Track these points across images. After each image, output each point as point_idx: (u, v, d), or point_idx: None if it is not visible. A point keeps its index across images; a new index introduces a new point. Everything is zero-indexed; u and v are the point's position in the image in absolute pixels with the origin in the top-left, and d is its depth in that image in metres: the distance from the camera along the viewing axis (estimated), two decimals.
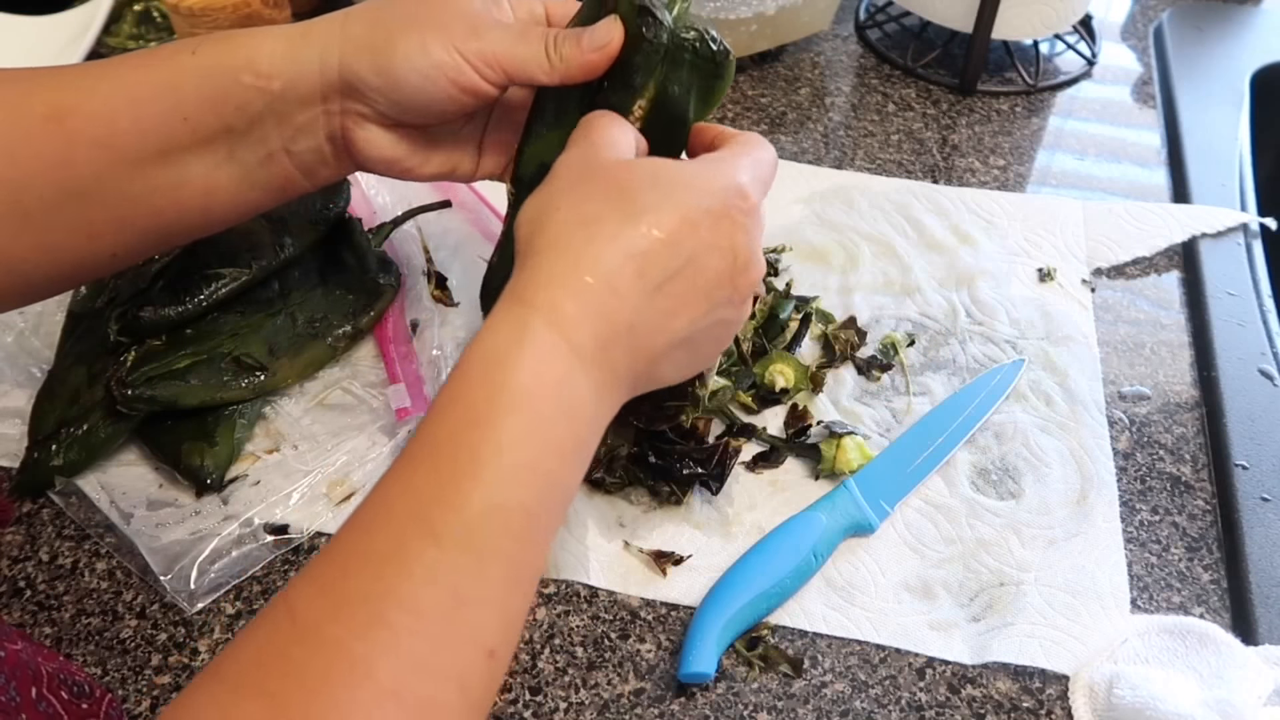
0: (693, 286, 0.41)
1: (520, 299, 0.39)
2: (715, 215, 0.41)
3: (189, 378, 0.57)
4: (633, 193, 0.41)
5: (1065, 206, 0.75)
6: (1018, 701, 0.50)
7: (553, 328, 0.38)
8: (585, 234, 0.40)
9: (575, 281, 0.39)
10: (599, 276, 0.39)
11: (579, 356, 0.38)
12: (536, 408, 0.37)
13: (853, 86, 0.87)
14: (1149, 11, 0.96)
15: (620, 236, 0.39)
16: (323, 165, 0.48)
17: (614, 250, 0.39)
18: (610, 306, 0.39)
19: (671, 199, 0.41)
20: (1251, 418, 0.61)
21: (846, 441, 0.58)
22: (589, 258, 0.39)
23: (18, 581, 0.54)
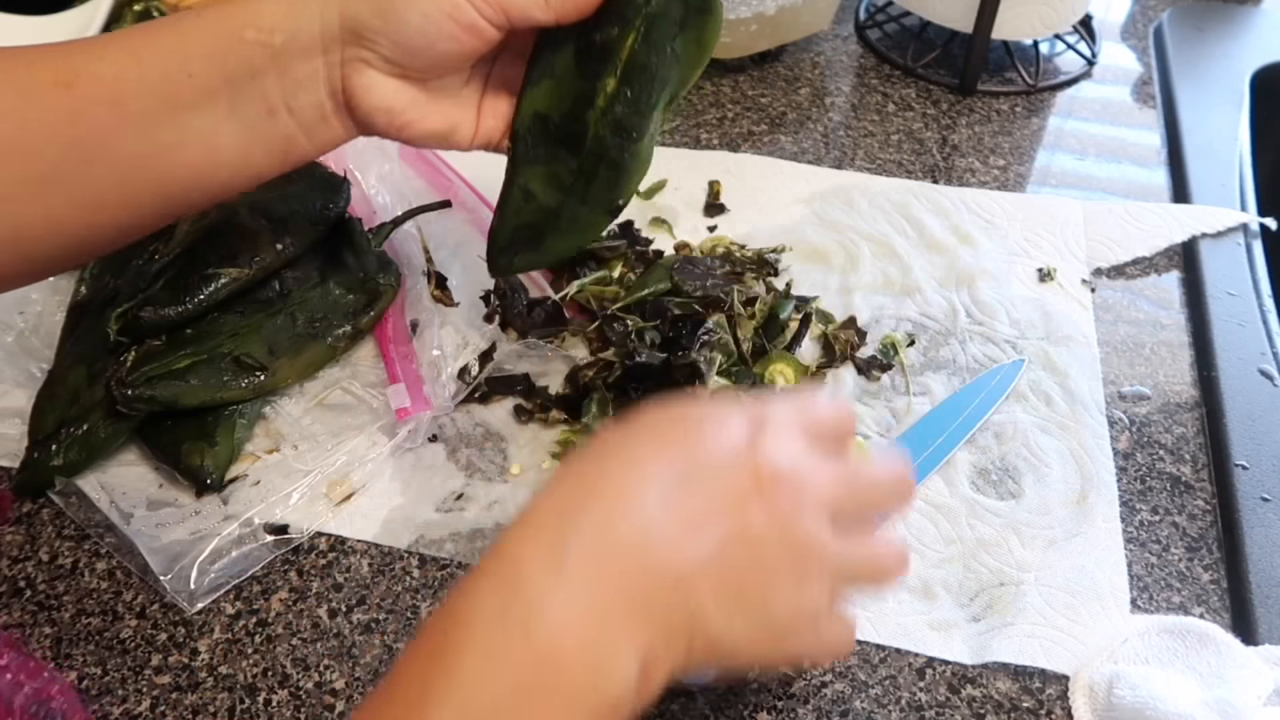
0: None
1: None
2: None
3: (189, 378, 0.57)
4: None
5: (1065, 206, 0.75)
6: (1018, 701, 0.50)
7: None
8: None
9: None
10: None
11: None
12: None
13: (853, 86, 0.87)
14: (1149, 11, 0.96)
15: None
16: (323, 123, 0.48)
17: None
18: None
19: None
20: (1251, 418, 0.61)
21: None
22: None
23: (18, 581, 0.54)
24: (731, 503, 0.37)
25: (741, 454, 0.38)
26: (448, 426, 0.61)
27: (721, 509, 0.36)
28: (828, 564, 0.38)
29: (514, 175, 0.53)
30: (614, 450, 0.38)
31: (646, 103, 0.50)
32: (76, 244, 0.48)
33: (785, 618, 0.38)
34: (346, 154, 0.73)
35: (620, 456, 0.38)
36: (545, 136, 0.52)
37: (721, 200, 0.75)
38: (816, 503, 0.38)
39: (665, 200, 0.75)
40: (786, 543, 0.37)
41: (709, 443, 0.38)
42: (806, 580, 0.38)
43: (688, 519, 0.36)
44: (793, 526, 0.37)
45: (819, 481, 0.38)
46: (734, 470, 0.37)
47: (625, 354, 0.59)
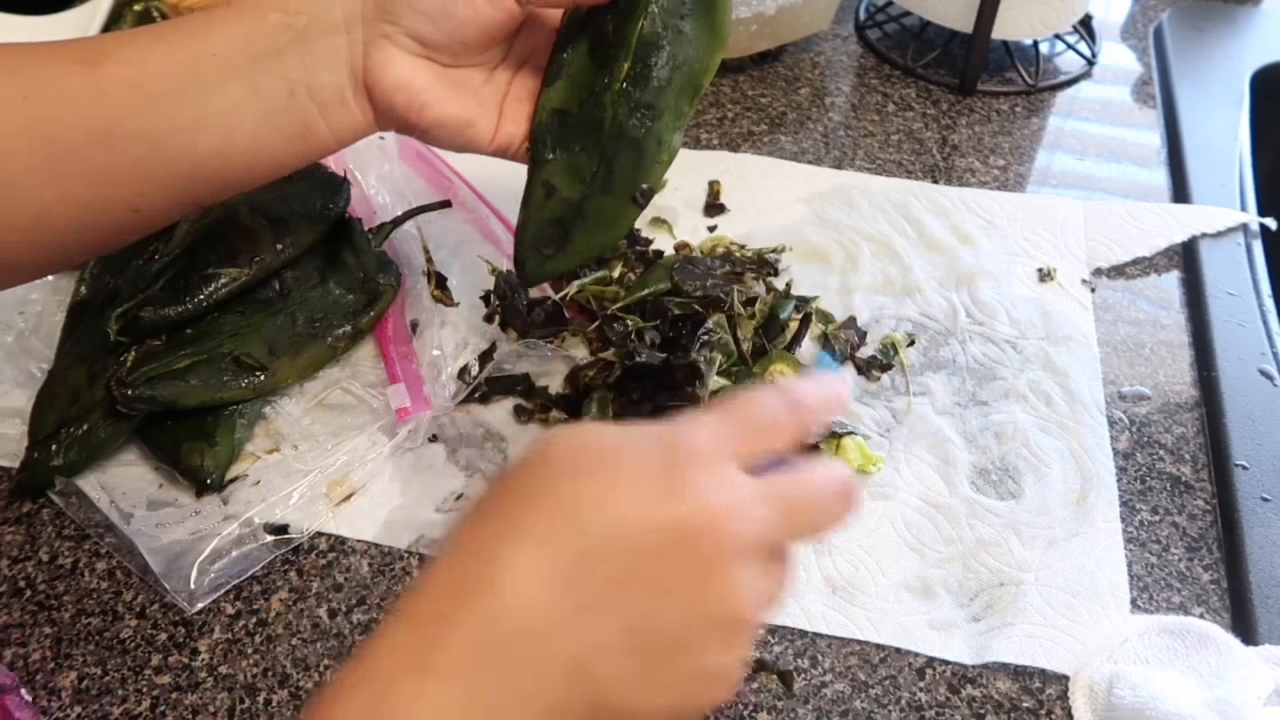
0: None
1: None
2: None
3: (189, 378, 0.57)
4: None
5: (1065, 206, 0.75)
6: (1018, 701, 0.50)
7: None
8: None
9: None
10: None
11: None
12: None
13: (853, 86, 0.87)
14: (1149, 11, 0.96)
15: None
16: (342, 106, 0.48)
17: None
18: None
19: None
20: (1251, 418, 0.61)
21: (846, 441, 0.58)
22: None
23: (18, 581, 0.54)
24: (639, 574, 0.32)
25: (651, 509, 0.32)
26: (448, 426, 0.61)
27: (626, 582, 0.32)
28: (760, 605, 0.35)
29: (535, 173, 0.53)
30: (503, 519, 0.33)
31: (660, 79, 0.50)
32: (95, 227, 0.48)
33: (710, 684, 0.34)
34: (346, 154, 0.73)
35: (509, 528, 0.33)
36: (564, 131, 0.52)
37: (721, 200, 0.75)
38: (745, 551, 0.33)
39: (665, 200, 0.75)
40: (707, 607, 0.33)
41: (613, 500, 0.33)
42: (734, 645, 0.34)
43: (584, 600, 0.32)
44: (714, 584, 0.33)
45: (749, 528, 0.34)
46: (641, 533, 0.32)
47: (625, 354, 0.59)
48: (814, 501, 0.36)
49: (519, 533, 0.33)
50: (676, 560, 0.32)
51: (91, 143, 0.45)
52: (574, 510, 0.33)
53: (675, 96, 0.51)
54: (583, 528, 0.32)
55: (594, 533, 0.32)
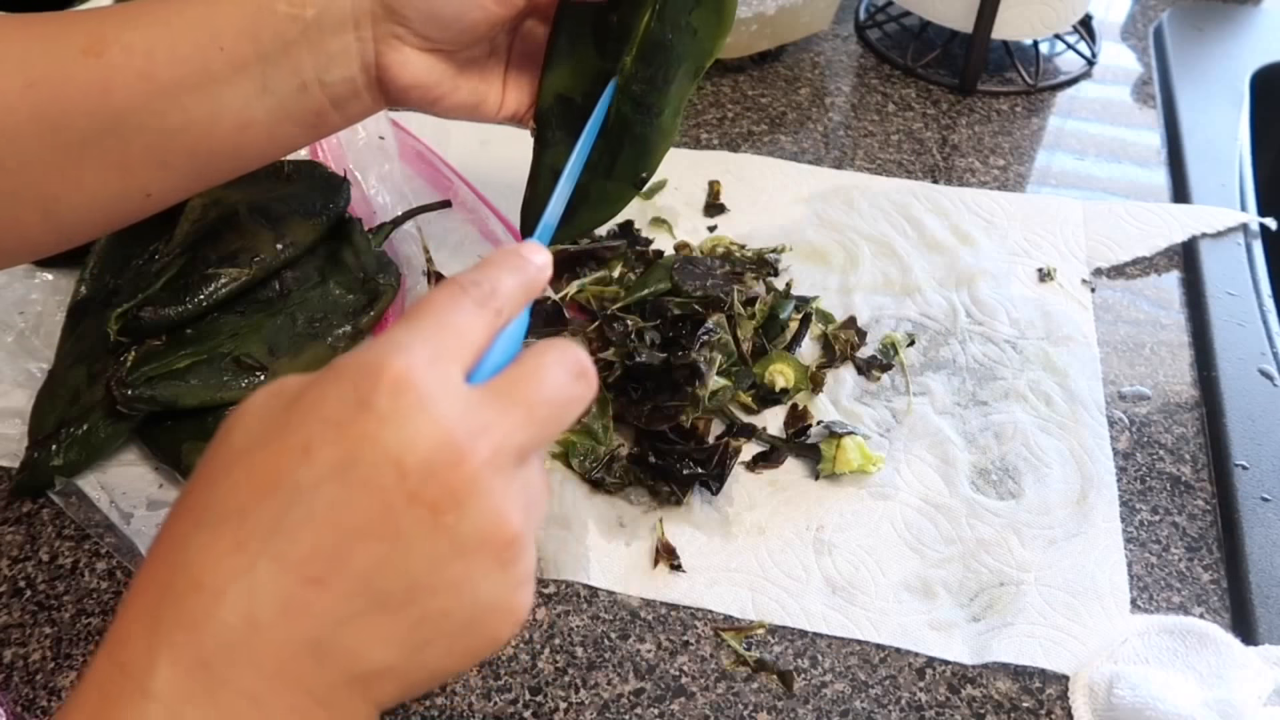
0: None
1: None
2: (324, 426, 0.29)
3: (189, 378, 0.57)
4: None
5: (1065, 206, 0.75)
6: (1018, 701, 0.50)
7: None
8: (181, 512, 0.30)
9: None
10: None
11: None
12: None
13: (853, 86, 0.87)
14: (1149, 11, 0.96)
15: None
16: (354, 98, 0.48)
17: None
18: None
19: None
20: (1251, 418, 0.61)
21: (846, 441, 0.58)
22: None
23: (18, 581, 0.54)
24: (366, 530, 0.28)
25: (360, 450, 0.28)
26: None
27: (348, 540, 0.28)
28: (527, 518, 0.31)
29: (541, 155, 0.54)
30: (197, 507, 0.29)
31: (664, 79, 0.51)
32: (107, 212, 0.48)
33: (502, 609, 0.30)
34: (346, 154, 0.73)
35: (203, 515, 0.29)
36: (569, 117, 0.52)
37: (721, 200, 0.75)
38: (494, 468, 0.29)
39: (665, 200, 0.75)
40: (467, 544, 0.29)
41: (313, 452, 0.28)
42: (512, 563, 0.30)
43: (305, 572, 0.28)
44: (469, 518, 0.29)
45: (489, 443, 0.29)
46: (356, 490, 0.28)
47: (625, 354, 0.59)
48: (550, 390, 0.32)
49: (212, 517, 0.28)
50: (406, 499, 0.28)
51: (102, 133, 0.45)
52: (269, 476, 0.28)
53: (678, 88, 0.51)
54: (282, 492, 0.28)
55: (298, 494, 0.28)
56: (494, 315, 0.32)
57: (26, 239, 0.47)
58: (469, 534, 0.29)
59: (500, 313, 0.32)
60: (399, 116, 0.79)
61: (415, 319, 0.31)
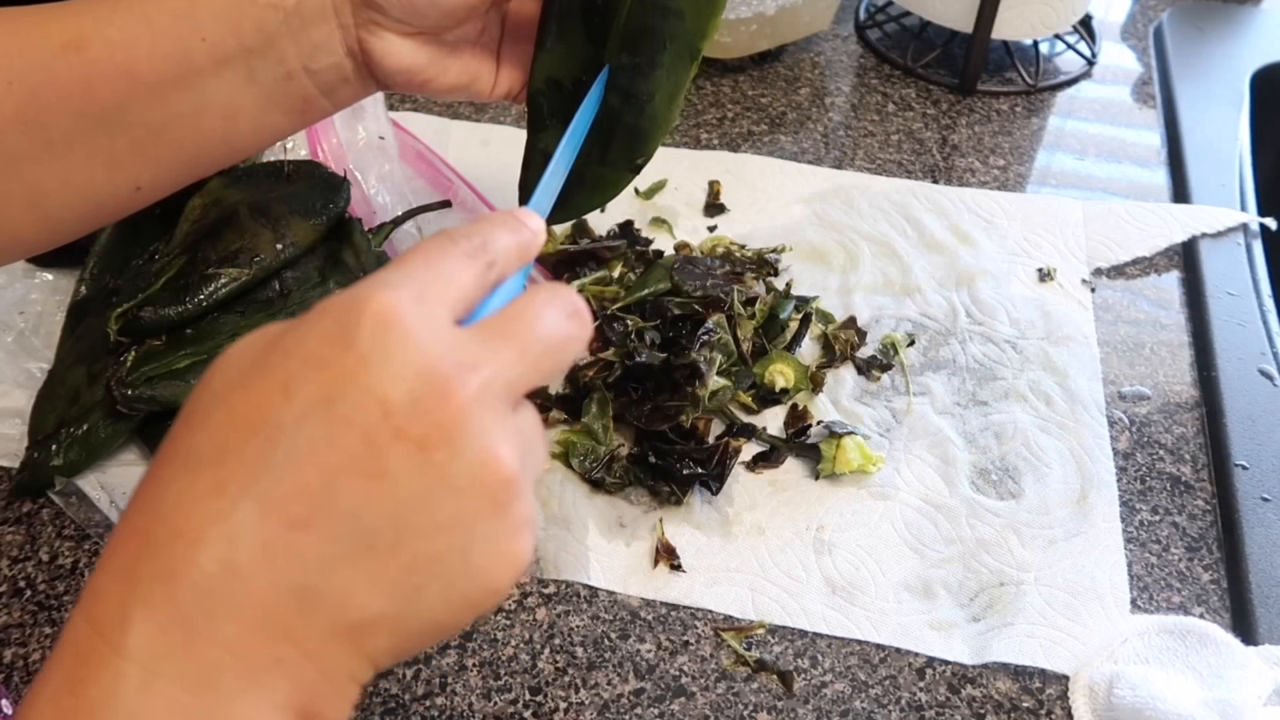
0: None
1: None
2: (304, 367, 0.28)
3: (189, 378, 0.57)
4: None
5: (1065, 206, 0.75)
6: (1018, 701, 0.50)
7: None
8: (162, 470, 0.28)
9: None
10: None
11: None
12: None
13: (853, 86, 0.87)
14: (1149, 11, 0.96)
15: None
16: (343, 83, 0.48)
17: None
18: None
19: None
20: (1251, 418, 0.61)
21: (846, 441, 0.58)
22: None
23: (18, 581, 0.54)
24: (352, 468, 0.27)
25: (346, 399, 0.27)
26: None
27: (335, 480, 0.27)
28: (524, 460, 0.30)
29: (534, 138, 0.53)
30: (175, 454, 0.28)
31: (651, 65, 0.49)
32: (97, 207, 0.47)
33: (498, 553, 0.29)
34: (346, 154, 0.73)
35: (181, 462, 0.28)
36: (560, 101, 0.51)
37: (721, 200, 0.75)
38: (486, 404, 0.28)
39: (665, 200, 0.75)
40: (460, 480, 0.28)
41: (297, 391, 0.27)
42: (509, 502, 0.29)
43: (289, 515, 0.27)
44: (460, 453, 0.28)
45: (479, 378, 0.28)
46: (341, 427, 0.27)
47: (625, 354, 0.59)
48: (543, 329, 0.31)
49: (191, 462, 0.27)
50: (391, 435, 0.27)
51: (88, 129, 0.44)
52: (248, 416, 0.27)
53: (670, 74, 0.50)
54: (263, 431, 0.27)
55: (279, 434, 0.27)
56: (485, 268, 0.31)
57: (17, 236, 0.47)
58: (460, 471, 0.28)
59: (492, 266, 0.32)
60: (399, 116, 0.79)
61: (403, 262, 0.30)
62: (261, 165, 0.68)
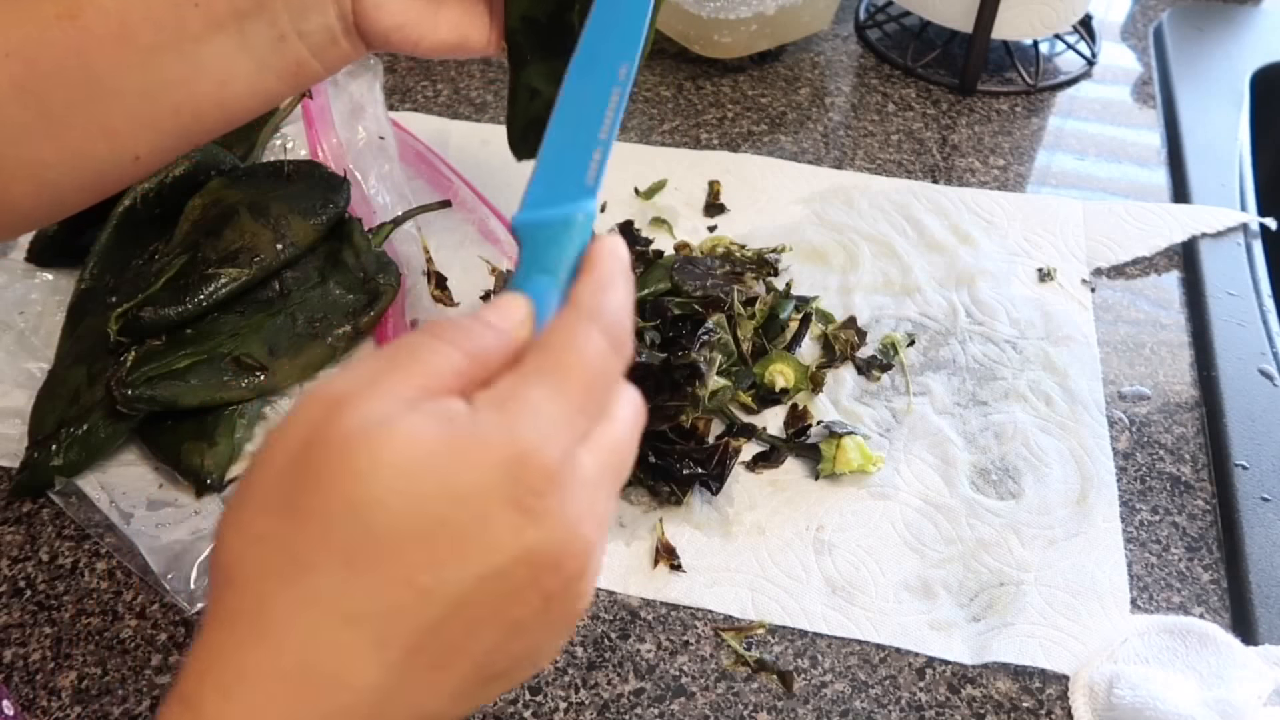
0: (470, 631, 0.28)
1: (186, 699, 0.27)
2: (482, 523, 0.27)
3: (189, 378, 0.57)
4: (362, 511, 0.27)
5: (1065, 206, 0.75)
6: (1018, 701, 0.50)
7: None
8: (292, 591, 0.27)
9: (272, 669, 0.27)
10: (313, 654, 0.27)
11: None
12: None
13: (853, 86, 0.87)
14: (1149, 11, 0.96)
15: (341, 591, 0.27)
16: (333, 45, 0.48)
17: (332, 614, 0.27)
18: (337, 702, 0.27)
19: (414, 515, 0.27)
20: (1251, 418, 0.61)
21: (846, 441, 0.58)
22: (297, 630, 0.27)
23: (18, 581, 0.54)
24: (490, 620, 0.28)
25: (493, 550, 0.27)
26: None
27: (474, 632, 0.28)
28: (595, 512, 0.30)
29: (516, 75, 0.53)
30: (302, 570, 0.27)
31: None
32: (97, 177, 0.47)
33: (565, 624, 0.30)
34: (346, 154, 0.73)
35: (318, 592, 0.27)
36: (537, 38, 0.51)
37: (721, 200, 0.75)
38: (566, 478, 0.28)
39: (665, 200, 0.75)
40: (561, 623, 0.29)
41: (450, 555, 0.27)
42: (584, 577, 0.29)
43: (432, 658, 0.27)
44: (574, 605, 0.29)
45: (553, 447, 0.28)
46: (494, 576, 0.27)
47: None
48: (591, 363, 0.30)
49: (335, 605, 0.27)
50: (524, 591, 0.28)
51: (85, 98, 0.44)
52: (403, 573, 0.27)
53: None
54: (419, 595, 0.27)
55: (436, 599, 0.27)
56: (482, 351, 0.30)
57: (17, 208, 0.47)
58: (565, 618, 0.29)
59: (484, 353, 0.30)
60: (399, 116, 0.79)
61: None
62: (261, 165, 0.68)
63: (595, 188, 0.35)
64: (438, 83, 0.86)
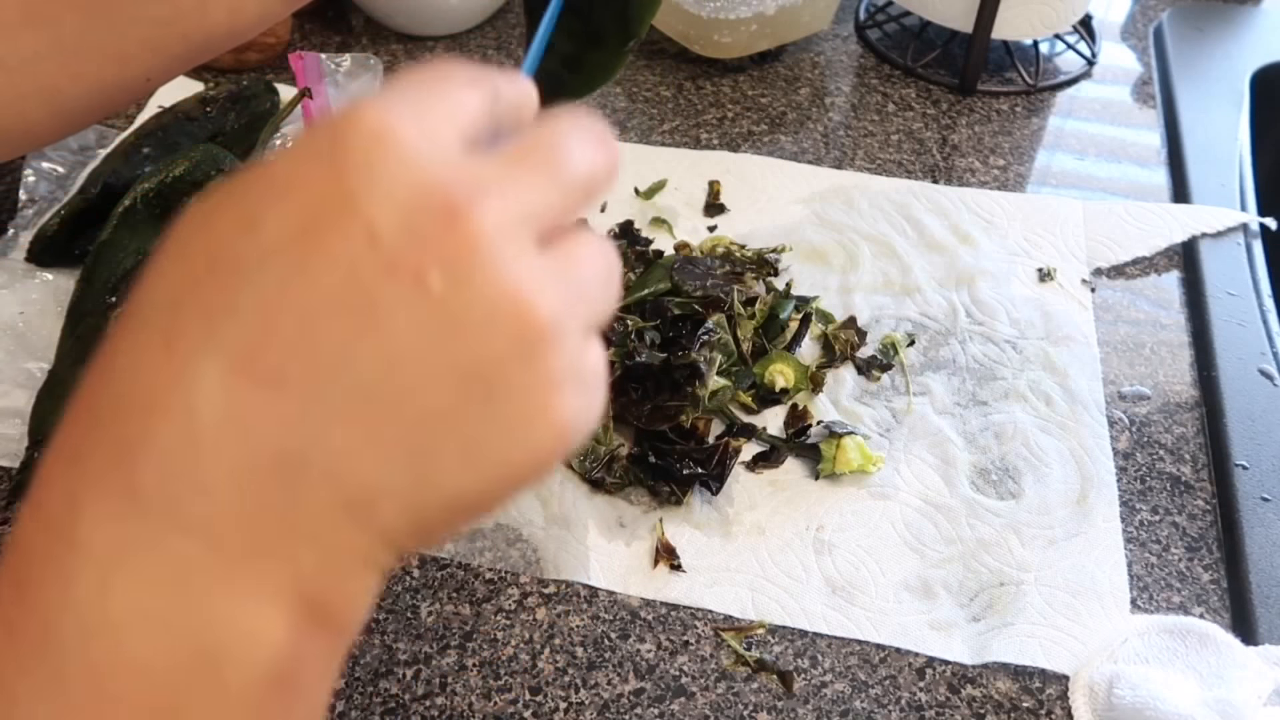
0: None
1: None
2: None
3: None
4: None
5: (1065, 206, 0.75)
6: (1018, 701, 0.50)
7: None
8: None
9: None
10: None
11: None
12: None
13: (853, 86, 0.87)
14: (1149, 11, 0.96)
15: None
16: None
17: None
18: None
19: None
20: (1251, 418, 0.61)
21: (846, 441, 0.58)
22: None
23: None
24: (341, 310, 0.22)
25: (334, 228, 0.22)
26: None
27: (315, 320, 0.22)
28: (561, 298, 0.24)
29: (532, 28, 0.54)
30: (128, 320, 0.24)
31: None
32: (108, 98, 0.48)
33: (532, 412, 0.24)
34: None
35: (133, 324, 0.24)
36: None
37: (721, 200, 0.75)
38: (507, 226, 0.23)
39: (665, 200, 0.75)
40: (474, 316, 0.23)
41: (264, 222, 0.22)
42: (541, 346, 0.24)
43: (257, 368, 0.22)
44: (475, 286, 0.23)
45: (498, 199, 0.23)
46: (327, 263, 0.22)
47: (625, 354, 0.59)
48: (571, 154, 0.26)
49: (140, 321, 0.24)
50: (382, 267, 0.22)
51: (97, 27, 0.45)
52: (206, 258, 0.23)
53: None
54: (220, 272, 0.23)
55: (240, 273, 0.22)
56: (491, 98, 0.26)
57: (31, 130, 0.48)
58: (471, 309, 0.23)
59: (498, 99, 0.26)
60: None
61: (398, 83, 0.24)
62: None
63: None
64: None
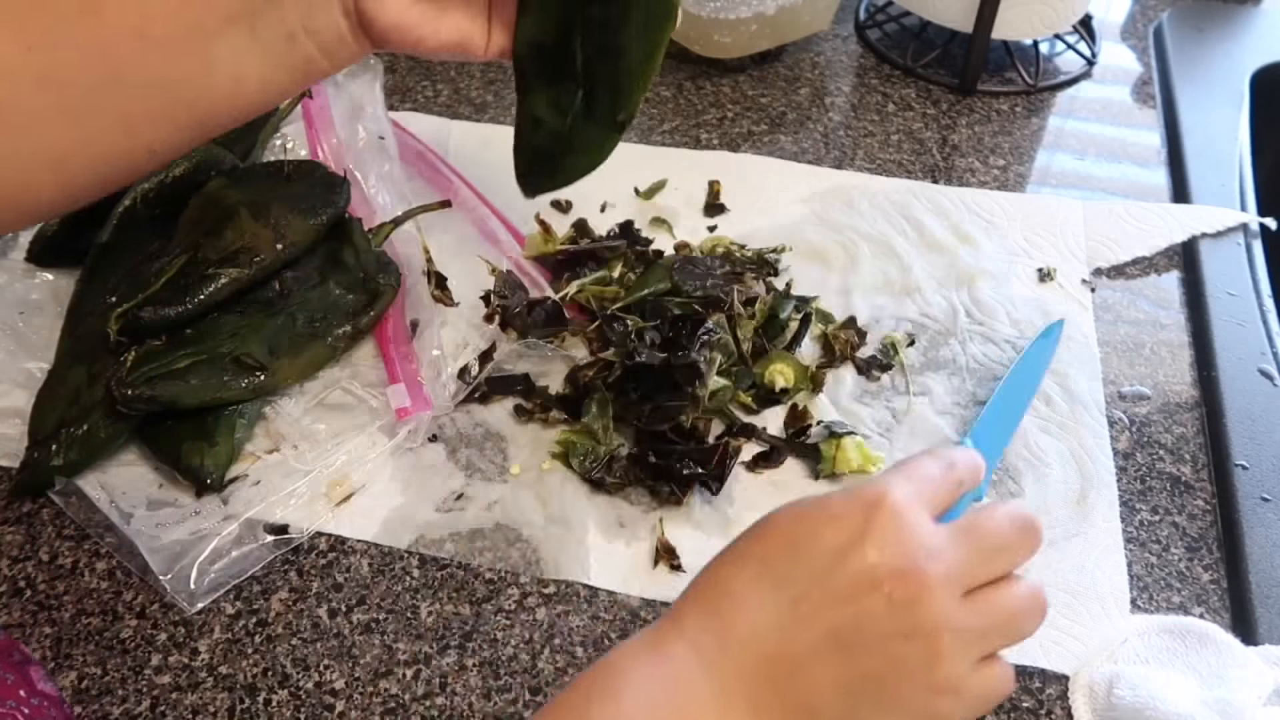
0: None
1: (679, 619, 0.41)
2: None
3: (189, 378, 0.57)
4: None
5: (1065, 206, 0.75)
6: (1018, 701, 0.50)
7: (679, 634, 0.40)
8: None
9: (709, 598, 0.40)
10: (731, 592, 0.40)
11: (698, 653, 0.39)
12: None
13: (853, 86, 0.87)
14: (1149, 11, 0.96)
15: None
16: (340, 43, 0.49)
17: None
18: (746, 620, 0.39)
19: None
20: (1251, 418, 0.61)
21: (846, 441, 0.58)
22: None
23: (18, 581, 0.54)
24: (845, 596, 0.38)
25: (854, 553, 0.38)
26: (448, 426, 0.61)
27: (834, 602, 0.38)
28: (961, 637, 0.38)
29: (522, 103, 0.54)
30: (734, 555, 0.41)
31: (621, 21, 0.50)
32: (114, 169, 0.48)
33: (921, 700, 0.38)
34: (346, 154, 0.73)
35: (738, 558, 0.40)
36: (542, 63, 0.52)
37: (721, 200, 0.75)
38: (943, 583, 0.38)
39: (665, 200, 0.75)
40: (909, 630, 0.37)
41: (822, 539, 0.39)
42: (938, 661, 0.38)
43: (799, 610, 0.38)
44: (915, 612, 0.38)
45: (941, 565, 0.38)
46: (847, 568, 0.38)
47: (625, 354, 0.59)
48: (997, 537, 0.40)
49: (745, 558, 0.40)
50: (872, 584, 0.38)
51: (104, 92, 0.45)
52: (790, 543, 0.39)
53: (641, 32, 0.50)
54: (797, 555, 0.39)
55: (804, 560, 0.39)
56: (955, 483, 0.42)
57: (37, 199, 0.48)
58: (911, 624, 0.37)
59: (960, 484, 0.42)
60: (399, 116, 0.79)
61: (904, 468, 0.41)
62: (261, 165, 0.68)
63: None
64: (438, 83, 0.86)
